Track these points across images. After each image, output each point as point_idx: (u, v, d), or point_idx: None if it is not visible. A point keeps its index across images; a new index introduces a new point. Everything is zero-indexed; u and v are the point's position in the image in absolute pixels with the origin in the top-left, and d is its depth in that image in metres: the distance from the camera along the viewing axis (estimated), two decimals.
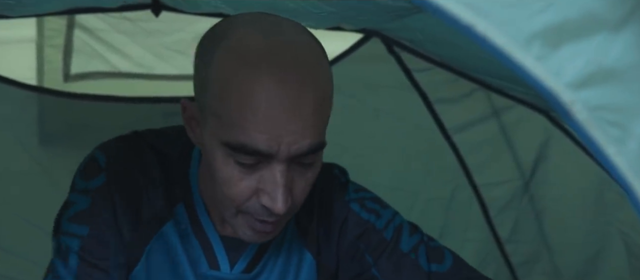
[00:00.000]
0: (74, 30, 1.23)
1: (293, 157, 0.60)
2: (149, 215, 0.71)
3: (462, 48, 1.04)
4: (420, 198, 1.43)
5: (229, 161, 0.61)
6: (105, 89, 1.25)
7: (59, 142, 1.21)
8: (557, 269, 1.57)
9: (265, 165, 0.61)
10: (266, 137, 0.58)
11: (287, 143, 0.59)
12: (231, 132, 0.59)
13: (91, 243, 0.69)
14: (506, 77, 1.06)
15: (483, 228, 1.51)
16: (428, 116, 1.37)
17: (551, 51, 0.43)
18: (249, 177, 0.61)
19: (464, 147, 1.41)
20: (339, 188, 0.79)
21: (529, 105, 1.34)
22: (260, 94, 0.58)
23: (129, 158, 0.71)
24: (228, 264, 0.73)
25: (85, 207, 0.69)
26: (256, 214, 0.64)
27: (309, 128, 0.60)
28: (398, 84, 1.33)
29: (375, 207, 0.79)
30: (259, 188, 0.62)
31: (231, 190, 0.62)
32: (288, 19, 0.66)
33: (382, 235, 0.77)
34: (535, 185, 1.47)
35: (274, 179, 0.60)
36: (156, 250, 0.72)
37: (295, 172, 0.62)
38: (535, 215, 1.52)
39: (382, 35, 1.25)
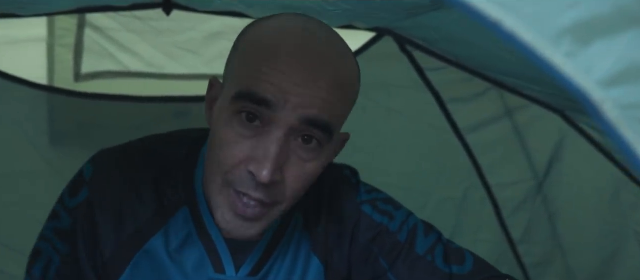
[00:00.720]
0: (84, 29, 1.22)
1: (295, 124, 0.60)
2: (132, 229, 0.70)
3: (477, 46, 1.02)
4: (432, 198, 1.42)
5: (232, 122, 0.62)
6: (115, 89, 1.24)
7: (69, 142, 1.21)
8: (571, 270, 1.55)
9: (264, 131, 0.61)
10: (276, 89, 0.59)
11: (294, 103, 0.59)
12: (245, 81, 0.61)
13: (69, 261, 0.70)
14: (522, 75, 1.04)
15: (495, 229, 1.50)
16: (441, 116, 1.35)
17: (581, 48, 0.42)
18: (245, 142, 0.61)
19: (477, 147, 1.40)
20: (350, 189, 0.77)
21: (544, 104, 1.32)
22: (283, 49, 0.61)
23: (116, 169, 0.71)
24: (233, 267, 0.72)
25: (66, 226, 0.70)
26: (241, 183, 0.62)
27: (320, 100, 0.60)
28: (410, 83, 1.31)
29: (388, 209, 0.78)
30: (251, 156, 0.61)
31: (225, 152, 0.62)
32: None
33: (397, 238, 0.75)
34: (549, 186, 1.45)
35: (267, 146, 0.60)
36: (142, 265, 0.71)
37: (294, 154, 0.62)
38: (549, 216, 1.50)
39: (394, 34, 1.24)
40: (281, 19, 0.66)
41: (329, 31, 0.66)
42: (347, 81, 0.64)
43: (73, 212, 0.70)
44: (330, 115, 0.61)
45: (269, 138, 0.60)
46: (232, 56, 0.66)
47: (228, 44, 0.68)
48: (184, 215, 0.71)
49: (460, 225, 1.46)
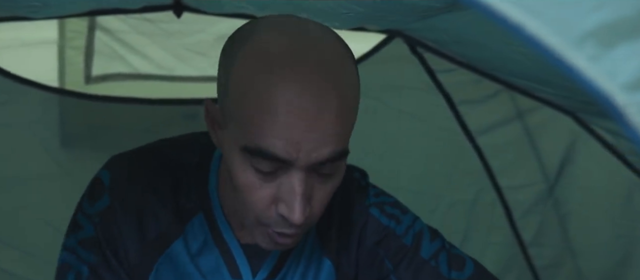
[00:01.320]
0: (95, 31, 1.22)
1: (313, 164, 0.58)
2: (155, 234, 0.69)
3: (489, 48, 1.02)
4: (443, 201, 1.41)
5: (247, 167, 0.59)
6: (126, 91, 1.24)
7: (80, 144, 1.21)
8: (581, 273, 1.54)
9: (283, 173, 0.59)
10: (285, 142, 0.56)
11: (306, 150, 0.56)
12: (250, 136, 0.58)
13: (98, 270, 0.68)
14: (534, 77, 1.03)
15: (506, 231, 1.49)
16: (452, 118, 1.35)
17: (605, 51, 0.41)
18: (267, 184, 0.59)
19: (488, 150, 1.39)
20: (359, 192, 0.76)
21: (556, 106, 1.31)
22: (280, 98, 0.56)
23: (135, 175, 0.70)
24: (250, 273, 0.71)
25: (91, 234, 0.69)
26: (275, 225, 0.61)
27: (331, 135, 0.57)
28: (421, 85, 1.31)
29: (395, 212, 0.77)
30: (277, 196, 0.59)
31: (251, 197, 0.60)
32: (315, 21, 0.63)
33: (402, 242, 0.75)
34: (561, 188, 1.44)
35: (292, 188, 0.58)
36: (165, 270, 0.70)
37: (315, 180, 0.60)
38: (560, 219, 1.49)
39: (405, 35, 1.23)
40: (276, 41, 0.58)
41: (329, 44, 0.59)
42: (353, 96, 0.60)
43: (95, 219, 0.69)
44: (342, 142, 0.59)
45: (291, 179, 0.58)
46: (226, 85, 0.60)
47: None
48: (199, 221, 0.70)
49: (471, 228, 1.45)
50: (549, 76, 0.93)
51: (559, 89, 1.01)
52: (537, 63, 0.90)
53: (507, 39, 0.87)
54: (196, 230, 0.71)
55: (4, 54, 1.19)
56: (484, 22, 0.87)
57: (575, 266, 1.54)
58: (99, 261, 0.68)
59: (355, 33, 1.20)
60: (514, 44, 0.87)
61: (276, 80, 0.56)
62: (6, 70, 1.20)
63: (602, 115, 1.16)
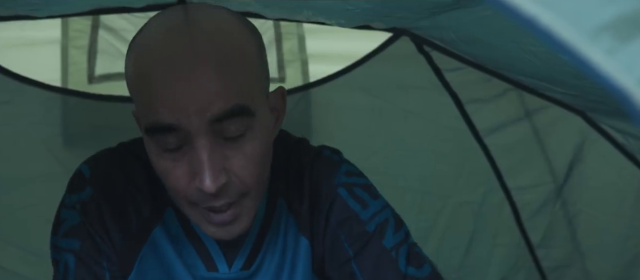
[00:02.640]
0: (98, 31, 1.21)
1: (210, 126, 0.57)
2: (137, 223, 0.70)
3: (497, 47, 1.00)
4: (450, 202, 1.39)
5: (159, 152, 0.60)
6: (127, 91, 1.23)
7: (83, 144, 1.20)
8: (590, 274, 1.52)
9: (189, 147, 0.59)
10: (169, 109, 0.57)
11: (194, 111, 0.57)
12: (145, 116, 0.60)
13: (84, 255, 0.68)
14: (544, 76, 1.01)
15: (514, 232, 1.47)
16: (459, 117, 1.33)
17: (622, 45, 0.40)
18: (179, 163, 0.60)
19: (496, 150, 1.37)
20: (329, 169, 0.74)
21: (565, 105, 1.29)
22: (153, 68, 0.57)
23: (113, 167, 0.71)
24: (226, 264, 0.71)
25: (74, 222, 0.69)
26: (200, 201, 0.61)
27: (216, 90, 0.57)
28: (428, 84, 1.29)
29: (364, 196, 0.74)
30: (191, 172, 0.60)
31: (169, 180, 0.61)
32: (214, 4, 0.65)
33: (364, 228, 0.72)
34: (570, 189, 1.42)
35: (198, 157, 0.58)
36: (148, 256, 0.71)
37: (227, 148, 0.60)
38: (569, 220, 1.47)
39: (411, 34, 1.22)
40: (149, 28, 0.62)
41: (206, 12, 0.62)
42: (234, 51, 0.59)
43: (78, 207, 0.69)
44: (234, 97, 0.58)
45: (195, 150, 0.58)
46: (127, 79, 0.64)
47: None
48: (170, 215, 0.71)
49: (479, 229, 1.44)
50: (558, 75, 0.91)
51: (569, 88, 0.99)
52: (546, 62, 0.88)
53: (517, 38, 0.85)
54: (169, 223, 0.71)
55: (6, 54, 1.18)
56: (492, 20, 0.85)
57: (583, 268, 1.52)
58: (83, 246, 0.68)
59: (361, 32, 1.19)
60: (523, 42, 0.85)
61: (151, 52, 0.58)
62: (9, 69, 1.20)
63: (613, 114, 1.14)
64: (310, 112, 1.29)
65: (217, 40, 0.59)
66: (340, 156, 0.77)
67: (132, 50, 0.62)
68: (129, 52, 0.63)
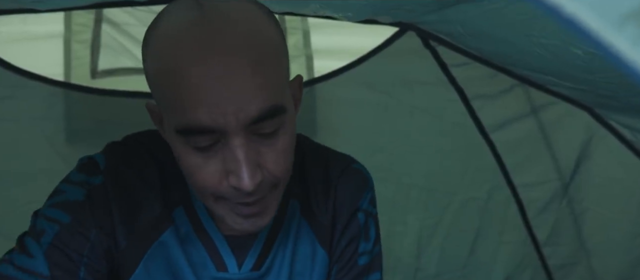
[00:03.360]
0: (101, 25, 1.20)
1: (246, 127, 0.56)
2: (147, 222, 0.68)
3: (506, 41, 0.98)
4: (456, 198, 1.38)
5: (188, 149, 0.58)
6: (132, 86, 1.22)
7: (86, 140, 1.19)
8: (596, 272, 1.51)
9: (223, 145, 0.57)
10: (207, 111, 0.55)
11: (232, 113, 0.55)
12: (177, 117, 0.56)
13: (69, 232, 0.65)
14: (553, 71, 1.00)
15: (520, 230, 1.46)
16: (465, 113, 1.31)
17: None
18: (212, 160, 0.58)
19: (502, 146, 1.36)
20: (358, 190, 0.75)
21: (572, 101, 1.28)
22: (190, 69, 0.54)
23: (129, 163, 0.69)
24: (235, 264, 0.70)
25: (76, 198, 0.66)
26: (232, 197, 0.60)
27: (253, 92, 0.55)
28: (434, 80, 1.28)
29: (371, 231, 0.77)
30: (225, 169, 0.58)
31: (198, 177, 0.59)
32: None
33: (356, 259, 0.75)
34: (577, 186, 1.41)
35: (234, 157, 0.57)
36: (156, 258, 0.69)
37: (260, 144, 0.58)
38: (576, 217, 1.46)
39: (417, 29, 1.20)
40: (180, 17, 0.57)
41: (235, 5, 0.58)
42: (269, 48, 0.57)
43: (89, 188, 0.66)
44: (271, 97, 0.57)
45: (232, 147, 0.57)
46: (147, 70, 0.60)
47: None
48: (179, 214, 0.69)
49: (485, 226, 1.42)
50: (569, 69, 0.90)
51: (579, 82, 0.98)
52: (557, 56, 0.87)
53: (527, 31, 0.84)
54: (179, 223, 0.69)
55: (9, 48, 1.17)
56: (502, 13, 0.84)
57: (590, 266, 1.51)
58: (72, 223, 0.65)
59: (366, 27, 1.17)
60: (534, 35, 0.84)
61: (183, 52, 0.55)
62: (11, 64, 1.18)
63: (623, 110, 1.13)
64: (315, 107, 1.27)
65: (249, 34, 0.56)
66: (367, 175, 0.78)
67: (154, 43, 0.58)
68: (148, 45, 0.59)
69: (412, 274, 1.40)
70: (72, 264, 0.64)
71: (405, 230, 1.36)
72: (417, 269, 1.40)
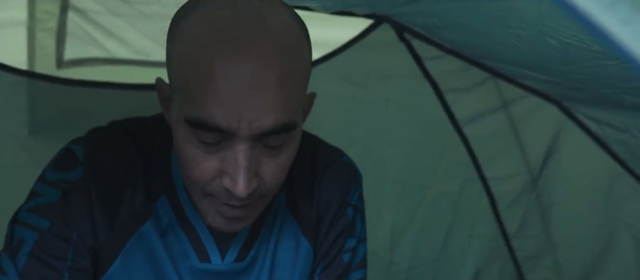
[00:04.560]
0: (67, 13, 1.15)
1: (256, 136, 0.56)
2: (127, 213, 0.66)
3: (481, 33, 0.99)
4: (429, 192, 1.39)
5: (192, 140, 0.57)
6: (100, 76, 1.18)
7: (52, 132, 1.14)
8: (562, 264, 1.54)
9: (228, 145, 0.57)
10: (224, 112, 0.54)
11: (247, 120, 0.55)
12: (191, 107, 0.56)
13: (49, 238, 0.63)
14: (528, 63, 1.01)
15: (491, 223, 1.48)
16: (439, 107, 1.32)
17: (638, 14, 0.39)
18: (212, 156, 0.58)
19: (475, 140, 1.37)
20: (347, 183, 0.75)
21: (542, 95, 1.30)
22: (218, 66, 0.54)
23: (110, 152, 0.66)
24: (219, 255, 0.69)
25: (52, 200, 0.64)
26: (221, 196, 0.60)
27: (273, 105, 0.55)
28: (409, 73, 1.28)
29: (358, 226, 0.76)
30: (222, 169, 0.58)
31: (194, 170, 0.59)
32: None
33: (341, 257, 0.75)
34: (545, 179, 1.44)
35: (235, 160, 0.56)
36: (135, 250, 0.67)
37: (263, 154, 0.58)
38: (544, 210, 1.48)
39: (392, 21, 1.20)
40: (217, 11, 0.56)
41: (273, 14, 0.57)
42: (298, 67, 0.57)
43: (64, 185, 0.64)
44: (287, 114, 0.56)
45: (235, 151, 0.56)
46: (170, 54, 0.59)
47: None
48: (162, 204, 0.68)
49: (457, 219, 1.44)
50: (544, 61, 0.91)
51: (553, 74, 1.00)
52: (533, 47, 0.88)
53: (505, 22, 0.85)
54: (160, 213, 0.68)
55: None
56: (480, 5, 0.85)
57: (556, 258, 1.54)
58: (51, 229, 0.63)
59: (341, 19, 1.17)
60: (511, 26, 0.85)
61: (215, 48, 0.54)
62: None
63: (591, 102, 1.16)
64: None
65: (284, 47, 0.56)
66: (356, 169, 0.77)
67: (189, 26, 0.57)
68: (182, 24, 0.58)
69: (385, 267, 1.40)
70: (54, 273, 0.63)
71: (379, 223, 1.36)
72: (390, 262, 1.41)
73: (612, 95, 0.96)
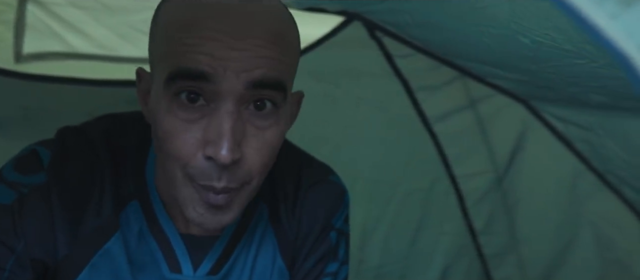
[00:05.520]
0: (26, 4, 1.10)
1: (243, 90, 0.54)
2: (92, 227, 0.62)
3: (453, 31, 1.00)
4: (399, 190, 1.39)
5: (172, 108, 0.55)
6: (61, 72, 1.13)
7: (9, 129, 1.09)
8: (527, 261, 1.58)
9: (211, 111, 0.54)
10: (210, 58, 0.53)
11: (233, 69, 0.53)
12: (173, 59, 0.54)
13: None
14: (498, 62, 1.03)
15: (459, 220, 1.50)
16: (409, 105, 1.33)
17: (625, 9, 0.39)
18: (193, 126, 0.55)
19: (444, 137, 1.38)
20: (333, 206, 0.72)
21: (509, 93, 1.32)
22: (205, 15, 0.54)
23: (78, 158, 0.62)
24: (191, 266, 0.65)
25: (4, 201, 0.59)
26: (202, 175, 0.56)
27: (263, 58, 0.54)
28: (380, 71, 1.28)
29: (341, 251, 0.73)
30: (205, 139, 0.55)
31: (174, 143, 0.55)
32: None
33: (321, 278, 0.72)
34: (511, 176, 1.46)
35: (219, 124, 0.54)
36: (100, 266, 0.63)
37: (249, 122, 0.56)
38: (510, 207, 1.51)
39: (364, 18, 1.20)
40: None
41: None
42: (285, 30, 0.57)
43: (23, 189, 0.59)
44: (278, 71, 0.55)
45: (219, 114, 0.54)
46: (153, 34, 0.58)
47: None
48: (133, 209, 0.64)
49: (426, 217, 1.45)
50: (514, 59, 0.92)
51: (522, 73, 1.01)
52: (504, 46, 0.89)
53: (476, 21, 0.85)
54: (130, 219, 0.63)
55: None
56: (454, 3, 0.85)
57: (520, 254, 1.57)
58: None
59: (312, 16, 1.15)
60: (483, 25, 0.85)
61: (205, 7, 0.54)
62: None
63: (558, 101, 1.18)
64: None
65: (274, 13, 0.57)
66: (344, 189, 0.75)
67: (173, 4, 0.56)
68: (162, 8, 0.58)
69: (355, 266, 1.40)
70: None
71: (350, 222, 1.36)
72: (360, 260, 1.40)
73: (580, 94, 0.98)
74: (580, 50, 0.73)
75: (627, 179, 1.28)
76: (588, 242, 1.50)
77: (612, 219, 1.43)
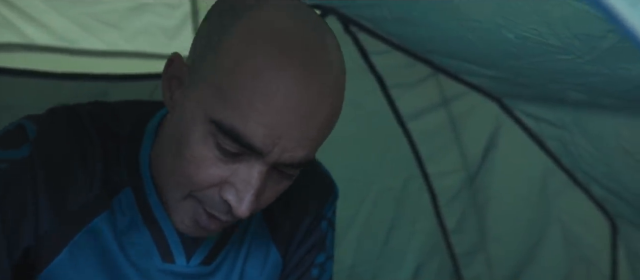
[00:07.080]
0: None
1: (279, 163, 0.54)
2: (78, 204, 0.59)
3: (433, 26, 0.98)
4: (373, 188, 1.37)
5: (208, 141, 0.53)
6: (18, 65, 1.06)
7: None
8: (496, 258, 1.58)
9: (245, 160, 0.54)
10: (267, 133, 0.51)
11: (282, 147, 0.52)
12: (228, 112, 0.51)
13: None
14: (476, 57, 1.01)
15: (432, 219, 1.49)
16: (384, 102, 1.31)
17: None
18: (223, 165, 0.54)
19: (418, 135, 1.37)
20: (324, 196, 0.73)
21: (483, 91, 1.32)
22: (281, 87, 0.50)
23: (66, 134, 0.59)
24: (184, 256, 0.64)
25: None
26: (210, 205, 0.56)
27: (311, 140, 0.53)
28: (354, 67, 1.25)
29: (328, 242, 0.75)
30: (229, 180, 0.54)
31: (199, 172, 0.54)
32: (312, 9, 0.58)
33: (311, 271, 0.73)
34: (483, 175, 1.46)
35: (249, 178, 0.54)
36: (84, 244, 0.60)
37: (271, 179, 0.56)
38: (481, 205, 1.51)
39: (339, 13, 1.17)
40: (287, 24, 0.53)
41: (334, 44, 0.55)
42: (341, 104, 0.56)
43: (2, 164, 0.56)
44: (315, 150, 0.55)
45: (251, 169, 0.54)
46: (216, 37, 0.54)
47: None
48: (126, 197, 0.61)
49: (399, 216, 1.43)
50: (495, 54, 0.91)
51: (501, 69, 1.00)
52: (486, 40, 0.88)
53: (459, 15, 0.83)
54: (123, 207, 0.61)
55: None
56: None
57: (490, 252, 1.58)
58: None
59: None
60: (465, 19, 0.84)
61: (280, 65, 0.51)
62: None
63: (533, 99, 1.18)
64: None
65: (341, 83, 0.55)
66: (333, 182, 0.76)
67: (248, 33, 0.52)
68: (238, 26, 0.53)
69: None
70: None
71: None
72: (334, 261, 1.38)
73: (558, 92, 0.98)
74: (568, 45, 0.72)
75: (596, 176, 1.30)
76: (556, 239, 1.51)
77: (580, 217, 1.45)
